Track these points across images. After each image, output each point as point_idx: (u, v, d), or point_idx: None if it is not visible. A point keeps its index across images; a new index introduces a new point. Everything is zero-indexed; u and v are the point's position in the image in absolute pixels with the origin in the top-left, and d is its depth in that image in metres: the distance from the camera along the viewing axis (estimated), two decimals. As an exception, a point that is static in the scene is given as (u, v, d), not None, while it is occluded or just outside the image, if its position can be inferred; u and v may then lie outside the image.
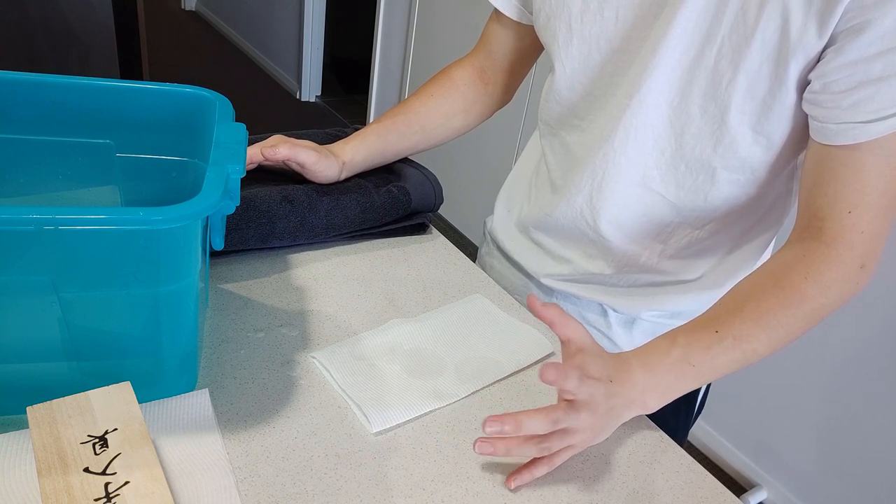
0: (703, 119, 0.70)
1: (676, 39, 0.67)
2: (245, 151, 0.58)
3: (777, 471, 1.77)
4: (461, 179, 2.60)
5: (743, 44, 0.64)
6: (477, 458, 0.62)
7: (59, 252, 0.49)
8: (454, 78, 0.93)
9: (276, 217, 0.81)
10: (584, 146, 0.80)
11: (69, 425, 0.51)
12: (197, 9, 5.17)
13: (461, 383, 0.70)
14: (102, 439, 0.50)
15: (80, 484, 0.47)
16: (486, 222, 1.04)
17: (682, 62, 0.68)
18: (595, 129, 0.78)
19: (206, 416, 0.60)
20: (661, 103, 0.71)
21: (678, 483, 0.63)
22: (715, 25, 0.65)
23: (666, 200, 0.77)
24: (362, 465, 0.59)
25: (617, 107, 0.74)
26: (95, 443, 0.50)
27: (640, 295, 0.86)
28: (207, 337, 0.70)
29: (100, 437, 0.51)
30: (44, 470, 0.48)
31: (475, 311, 0.80)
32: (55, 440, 0.50)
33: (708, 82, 0.68)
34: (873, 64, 0.58)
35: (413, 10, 2.79)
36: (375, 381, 0.68)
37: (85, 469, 0.48)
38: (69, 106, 0.66)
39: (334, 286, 0.81)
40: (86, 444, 0.50)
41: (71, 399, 0.53)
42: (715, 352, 0.62)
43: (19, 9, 2.14)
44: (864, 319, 1.51)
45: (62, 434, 0.50)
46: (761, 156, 0.70)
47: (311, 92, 3.90)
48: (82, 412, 0.52)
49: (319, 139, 0.95)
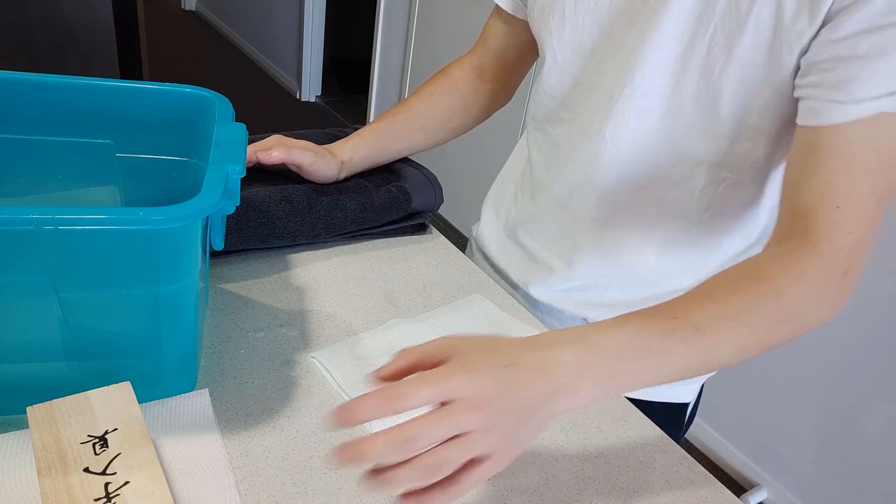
0: (695, 109, 0.68)
1: (669, 26, 0.66)
2: (245, 151, 0.58)
3: (777, 471, 1.77)
4: (461, 179, 2.60)
5: (736, 31, 0.63)
6: (477, 458, 0.62)
7: (59, 252, 0.49)
8: (453, 76, 0.93)
9: (276, 217, 0.81)
10: (570, 139, 0.79)
11: (69, 425, 0.51)
12: (197, 9, 5.17)
13: (461, 383, 0.69)
14: (102, 439, 0.50)
15: (80, 484, 0.48)
16: (472, 229, 1.02)
17: (674, 50, 0.67)
18: (582, 121, 0.77)
19: (206, 416, 0.60)
20: (652, 93, 0.70)
21: (678, 483, 0.63)
22: (707, 12, 0.64)
23: (655, 197, 0.75)
24: (362, 465, 0.59)
25: (607, 98, 0.73)
26: (95, 443, 0.50)
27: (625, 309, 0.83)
28: (207, 337, 0.70)
29: (100, 437, 0.51)
30: (44, 470, 0.48)
31: (475, 311, 0.80)
32: (55, 440, 0.50)
33: (700, 71, 0.66)
34: (860, 42, 0.56)
35: (413, 10, 2.79)
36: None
37: (85, 469, 0.48)
38: (69, 106, 0.66)
39: (334, 286, 0.81)
40: (86, 444, 0.50)
41: (71, 399, 0.53)
42: (672, 340, 0.50)
43: (19, 9, 2.14)
44: (864, 319, 1.51)
45: (62, 434, 0.50)
46: (753, 150, 0.69)
47: (311, 92, 3.90)
48: (82, 412, 0.52)
49: (319, 139, 0.95)
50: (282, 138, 0.87)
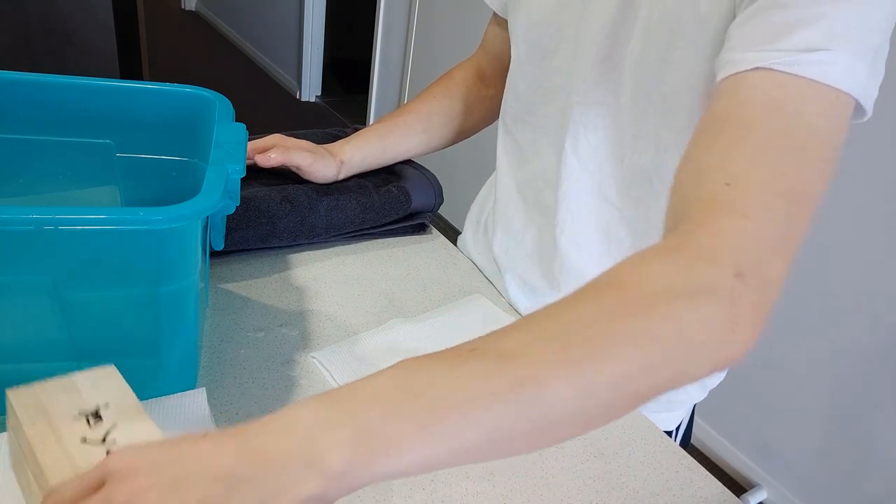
0: (643, 119, 0.63)
1: (595, 29, 0.63)
2: (245, 151, 0.58)
3: (777, 471, 1.77)
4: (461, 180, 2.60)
5: (666, 30, 0.58)
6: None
7: (59, 252, 0.49)
8: (455, 79, 0.93)
9: (276, 217, 0.81)
10: (535, 143, 0.77)
11: (57, 402, 0.48)
12: (197, 9, 5.17)
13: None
14: (96, 414, 0.47)
15: (80, 453, 0.44)
16: (458, 241, 1.00)
17: (605, 60, 0.64)
18: (546, 124, 0.75)
19: (202, 416, 0.60)
20: (607, 101, 0.66)
21: (678, 483, 0.63)
22: (630, 11, 0.61)
23: (623, 216, 0.70)
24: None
25: (565, 102, 0.70)
26: (89, 417, 0.47)
27: None
28: (207, 337, 0.70)
29: (93, 413, 0.47)
30: (38, 446, 0.44)
31: (475, 311, 0.80)
32: (45, 417, 0.46)
33: (636, 77, 0.62)
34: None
35: (413, 10, 2.79)
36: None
37: (82, 440, 0.45)
38: (69, 106, 0.66)
39: (334, 286, 0.81)
40: (78, 418, 0.47)
41: (54, 381, 0.49)
42: (459, 374, 0.36)
43: (19, 9, 2.14)
44: (864, 319, 1.51)
45: (51, 411, 0.47)
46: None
47: (311, 92, 3.90)
48: (68, 392, 0.49)
49: (319, 139, 0.95)
50: (281, 138, 0.87)
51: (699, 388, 0.83)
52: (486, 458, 0.35)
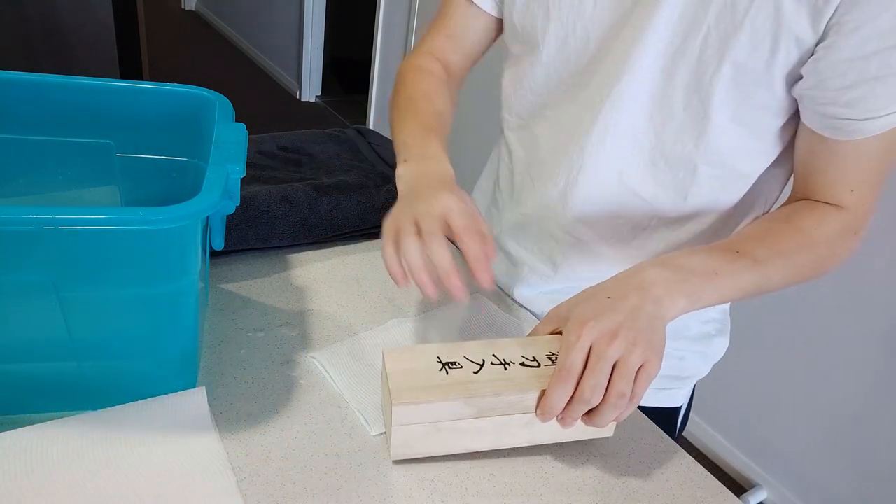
0: (685, 112, 0.68)
1: (660, 27, 0.65)
2: (245, 151, 0.58)
3: (777, 471, 1.77)
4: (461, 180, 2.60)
5: (731, 33, 0.62)
6: (476, 458, 0.62)
7: (59, 252, 0.49)
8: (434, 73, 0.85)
9: (276, 217, 0.81)
10: (555, 139, 0.78)
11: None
12: (197, 9, 5.18)
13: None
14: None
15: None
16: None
17: (665, 52, 0.66)
18: (569, 120, 0.76)
19: (202, 415, 0.60)
20: (641, 95, 0.69)
21: (678, 483, 0.63)
22: (700, 13, 0.63)
23: (642, 200, 0.75)
24: (362, 465, 0.59)
25: (596, 98, 0.72)
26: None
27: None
28: (207, 337, 0.70)
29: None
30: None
31: (475, 310, 0.80)
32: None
33: (691, 73, 0.66)
34: (870, 62, 0.58)
35: (413, 10, 2.79)
36: (375, 382, 0.68)
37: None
38: (69, 106, 0.66)
39: (334, 286, 0.81)
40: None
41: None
42: (737, 267, 0.61)
43: (19, 9, 2.14)
44: (864, 318, 1.51)
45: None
46: (744, 150, 0.69)
47: (311, 92, 3.90)
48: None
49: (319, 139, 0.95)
50: (465, 213, 0.65)
51: (703, 361, 0.86)
52: (741, 300, 0.65)
